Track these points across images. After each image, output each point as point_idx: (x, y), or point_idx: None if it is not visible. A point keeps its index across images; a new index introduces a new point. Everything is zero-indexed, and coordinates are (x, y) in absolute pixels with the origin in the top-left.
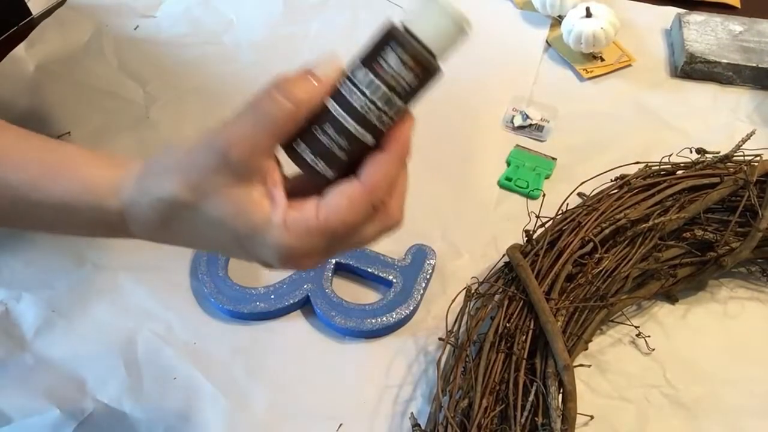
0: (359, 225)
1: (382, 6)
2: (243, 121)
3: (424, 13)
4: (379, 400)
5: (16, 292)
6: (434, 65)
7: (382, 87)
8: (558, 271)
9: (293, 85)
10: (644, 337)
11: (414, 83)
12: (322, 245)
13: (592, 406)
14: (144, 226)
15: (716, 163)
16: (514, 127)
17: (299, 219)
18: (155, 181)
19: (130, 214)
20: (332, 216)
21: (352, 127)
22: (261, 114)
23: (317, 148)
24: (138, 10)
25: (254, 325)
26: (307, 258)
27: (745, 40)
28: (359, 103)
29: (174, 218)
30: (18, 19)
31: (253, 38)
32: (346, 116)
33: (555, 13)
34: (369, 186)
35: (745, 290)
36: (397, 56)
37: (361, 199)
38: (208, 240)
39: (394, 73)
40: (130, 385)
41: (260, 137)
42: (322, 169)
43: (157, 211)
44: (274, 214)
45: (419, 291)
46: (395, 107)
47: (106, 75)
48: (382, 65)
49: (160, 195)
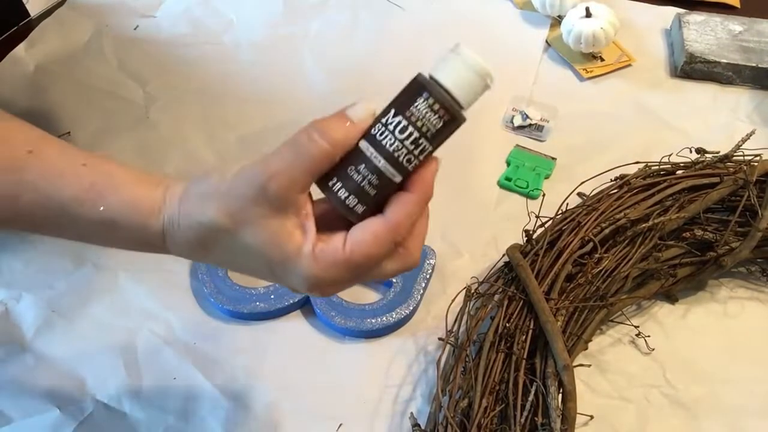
0: (381, 259)
1: (382, 6)
2: (282, 156)
3: (452, 66)
4: (379, 400)
5: (16, 292)
6: (460, 114)
7: (412, 130)
8: (558, 271)
9: (330, 126)
10: (644, 337)
11: (441, 129)
12: (347, 276)
13: (592, 406)
14: (182, 246)
15: (716, 163)
16: (514, 127)
17: (327, 251)
18: (196, 205)
19: (169, 234)
20: (357, 249)
21: (383, 167)
22: (299, 151)
23: (350, 186)
24: (138, 10)
25: (254, 325)
26: (332, 287)
27: (745, 40)
28: (391, 145)
29: (212, 242)
30: (18, 19)
31: (253, 38)
32: (378, 156)
33: (555, 13)
34: (393, 223)
35: (745, 290)
36: (428, 104)
37: (385, 235)
38: (242, 264)
39: (424, 118)
40: (130, 385)
41: (297, 173)
42: (353, 205)
43: (196, 233)
44: (305, 245)
45: (419, 291)
46: (423, 150)
47: (106, 75)
48: (413, 111)
49: (200, 219)
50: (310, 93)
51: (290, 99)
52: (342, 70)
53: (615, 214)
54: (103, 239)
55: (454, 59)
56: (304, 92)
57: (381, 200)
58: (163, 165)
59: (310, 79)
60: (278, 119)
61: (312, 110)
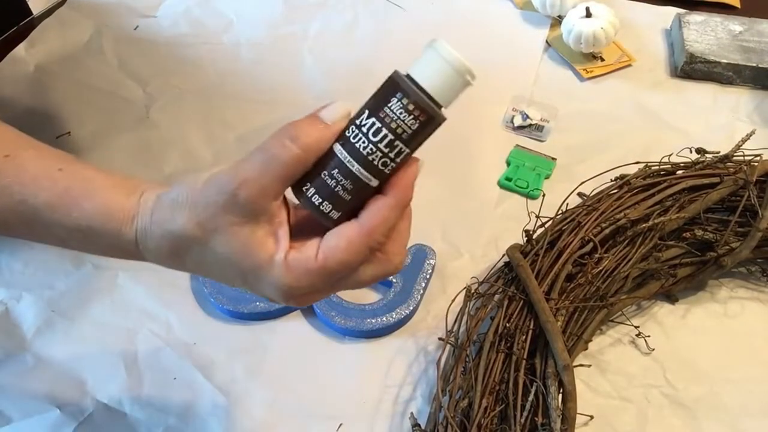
0: (356, 266)
1: (382, 6)
2: (253, 163)
3: (428, 63)
4: (379, 400)
5: (16, 292)
6: (437, 113)
7: (386, 132)
8: (558, 271)
9: (302, 131)
10: (644, 337)
11: (417, 130)
12: (321, 284)
13: (592, 406)
14: (156, 254)
15: (716, 163)
16: (514, 127)
17: (300, 259)
18: (167, 213)
19: (142, 243)
20: (331, 256)
21: (357, 171)
22: (270, 158)
23: (324, 191)
24: (138, 10)
25: (254, 325)
26: (307, 296)
27: (745, 40)
28: (364, 148)
29: (183, 250)
30: (18, 19)
31: (253, 38)
32: (351, 160)
33: (555, 13)
34: (367, 228)
35: (745, 290)
36: (402, 105)
37: (359, 241)
38: (216, 272)
39: (398, 119)
40: (130, 385)
41: (268, 180)
42: (327, 211)
43: (168, 242)
44: (277, 254)
45: (419, 291)
46: (399, 153)
47: (106, 75)
48: (387, 112)
49: (171, 228)
50: (309, 93)
51: (290, 99)
52: (342, 70)
53: (615, 214)
54: (79, 245)
55: (430, 55)
56: (303, 92)
57: (358, 205)
58: (163, 165)
59: (310, 79)
60: (278, 119)
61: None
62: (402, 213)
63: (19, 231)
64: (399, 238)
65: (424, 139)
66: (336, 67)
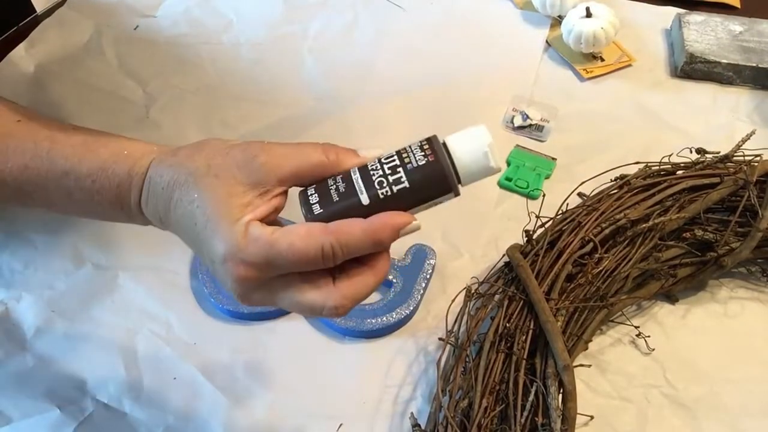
0: (303, 264)
1: (382, 6)
2: (283, 147)
3: (469, 142)
4: (379, 400)
5: (16, 292)
6: (454, 188)
7: (395, 158)
8: (558, 271)
9: (336, 148)
10: (644, 337)
11: (429, 191)
12: (263, 263)
13: (592, 406)
14: (154, 191)
15: (716, 163)
16: (514, 127)
17: (257, 227)
18: (189, 151)
19: (149, 181)
20: (282, 236)
21: (355, 180)
22: (300, 151)
23: (320, 188)
24: (138, 10)
25: (254, 325)
26: (247, 273)
27: (745, 40)
28: (371, 167)
29: (181, 187)
30: (20, 18)
31: (253, 38)
32: (356, 171)
33: (555, 13)
34: (330, 228)
35: (745, 290)
36: (421, 147)
37: (317, 234)
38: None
39: (411, 154)
40: (130, 385)
41: (288, 165)
42: (313, 202)
43: (171, 175)
44: (245, 217)
45: (419, 291)
46: (398, 181)
47: (106, 75)
48: (407, 149)
49: (184, 163)
50: (309, 93)
51: (290, 99)
52: (342, 70)
53: (615, 215)
54: (83, 195)
55: (473, 135)
56: (303, 92)
57: (340, 213)
58: None
59: (310, 79)
60: (278, 119)
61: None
62: (372, 244)
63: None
64: (355, 285)
65: (429, 194)
66: (336, 67)
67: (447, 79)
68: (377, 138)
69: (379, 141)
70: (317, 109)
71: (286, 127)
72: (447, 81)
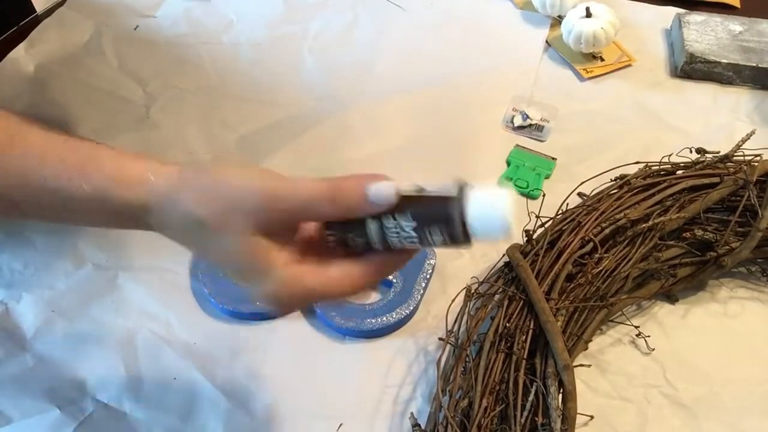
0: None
1: (382, 6)
2: (293, 201)
3: (487, 204)
4: (379, 400)
5: (16, 292)
6: (466, 245)
7: (415, 238)
8: (558, 271)
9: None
10: (644, 337)
11: (441, 244)
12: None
13: (592, 406)
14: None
15: (716, 163)
16: (514, 127)
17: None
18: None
19: (158, 213)
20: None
21: (372, 241)
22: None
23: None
24: (138, 10)
25: (254, 325)
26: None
27: (745, 40)
28: (391, 237)
29: (194, 233)
30: (20, 18)
31: (253, 38)
32: (373, 236)
33: (555, 13)
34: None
35: (745, 290)
36: (441, 234)
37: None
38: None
39: (431, 238)
40: (130, 385)
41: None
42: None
43: (182, 222)
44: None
45: (419, 291)
46: (411, 244)
47: (106, 75)
48: (426, 233)
49: (193, 210)
50: (309, 93)
51: (290, 99)
52: (342, 70)
53: (615, 214)
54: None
55: (493, 197)
56: (303, 92)
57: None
58: None
59: (310, 79)
60: (278, 119)
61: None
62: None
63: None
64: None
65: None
66: (336, 67)
67: (447, 79)
68: (377, 138)
69: (380, 141)
70: (317, 109)
71: (286, 127)
72: (447, 81)
